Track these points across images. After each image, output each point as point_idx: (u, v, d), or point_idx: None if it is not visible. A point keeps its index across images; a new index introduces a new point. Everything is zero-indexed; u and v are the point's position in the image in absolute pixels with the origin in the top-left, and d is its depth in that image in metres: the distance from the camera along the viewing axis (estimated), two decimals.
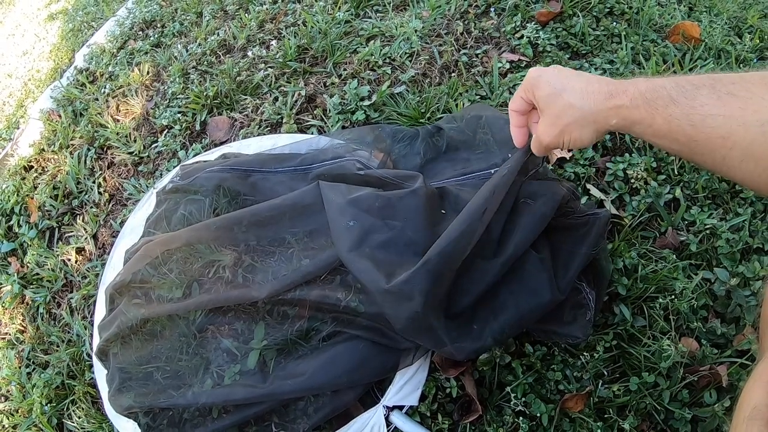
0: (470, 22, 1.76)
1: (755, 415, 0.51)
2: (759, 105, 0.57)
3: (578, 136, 0.77)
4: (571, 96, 0.76)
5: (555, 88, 0.77)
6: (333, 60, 1.76)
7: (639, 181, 1.34)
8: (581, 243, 1.01)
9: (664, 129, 0.66)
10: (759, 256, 1.22)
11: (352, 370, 0.99)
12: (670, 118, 0.64)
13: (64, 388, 1.38)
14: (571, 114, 0.76)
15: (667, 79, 0.67)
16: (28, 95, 2.60)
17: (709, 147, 0.62)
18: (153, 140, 1.80)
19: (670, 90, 0.65)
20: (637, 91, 0.69)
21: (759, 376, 0.54)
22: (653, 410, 1.05)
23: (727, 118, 0.59)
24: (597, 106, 0.73)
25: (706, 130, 0.61)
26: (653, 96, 0.67)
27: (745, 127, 0.58)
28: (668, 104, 0.65)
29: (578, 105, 0.75)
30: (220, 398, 1.01)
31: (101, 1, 2.97)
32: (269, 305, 1.07)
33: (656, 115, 0.66)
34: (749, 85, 0.59)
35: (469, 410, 1.07)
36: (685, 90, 0.64)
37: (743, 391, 0.54)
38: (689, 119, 0.63)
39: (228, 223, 1.15)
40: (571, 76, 0.78)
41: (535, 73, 0.82)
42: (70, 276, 1.60)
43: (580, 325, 1.04)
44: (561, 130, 0.78)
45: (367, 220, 1.04)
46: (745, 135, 0.58)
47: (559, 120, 0.77)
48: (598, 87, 0.74)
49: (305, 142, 1.38)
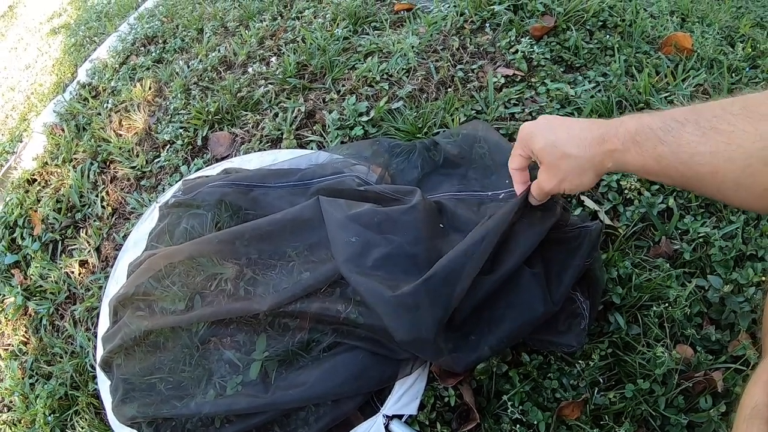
0: (466, 37, 1.78)
1: (755, 414, 0.51)
2: (742, 139, 0.58)
3: (578, 182, 0.80)
4: (566, 146, 0.78)
5: (549, 140, 0.80)
6: (332, 76, 1.78)
7: (633, 191, 1.35)
8: (574, 255, 1.03)
9: (656, 168, 0.68)
10: (752, 263, 1.22)
11: (352, 380, 1.01)
12: (660, 158, 0.66)
13: (67, 398, 1.39)
14: (568, 163, 0.78)
15: (653, 117, 0.68)
16: (31, 109, 2.63)
17: (701, 182, 0.63)
18: (155, 155, 1.82)
19: (657, 130, 0.66)
20: (627, 133, 0.71)
21: (759, 376, 0.54)
22: (649, 417, 1.06)
23: (713, 155, 0.60)
24: (592, 151, 0.76)
25: (695, 167, 0.62)
26: (642, 138, 0.68)
27: (731, 162, 0.59)
28: (657, 145, 0.66)
29: (574, 154, 0.77)
30: (222, 408, 1.03)
31: (104, 16, 3.01)
32: (270, 317, 1.09)
33: (646, 156, 0.68)
34: (731, 117, 0.60)
35: (467, 419, 1.09)
36: (671, 128, 0.65)
37: (744, 391, 0.55)
38: (678, 158, 0.64)
39: (230, 237, 1.18)
40: (562, 125, 0.81)
41: (528, 129, 0.85)
42: (73, 288, 1.62)
43: (574, 334, 1.06)
44: (561, 178, 0.81)
45: (367, 235, 1.06)
46: (732, 169, 0.59)
47: (559, 170, 0.80)
48: (590, 134, 0.76)
49: (305, 157, 1.41)
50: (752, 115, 0.58)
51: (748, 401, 0.53)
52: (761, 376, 0.54)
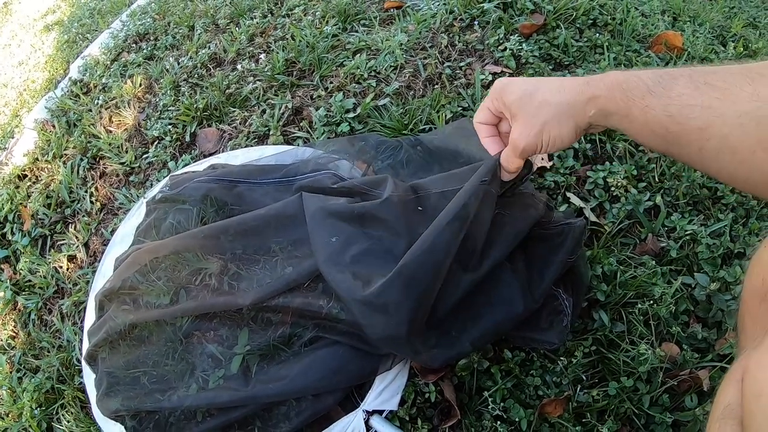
0: (455, 35, 1.78)
1: (727, 414, 0.50)
2: (737, 96, 0.56)
3: (557, 133, 0.74)
4: (545, 93, 0.73)
5: (526, 90, 0.75)
6: (320, 73, 1.78)
7: (619, 188, 1.35)
8: (556, 252, 1.03)
9: (641, 120, 0.64)
10: (740, 261, 1.22)
11: (332, 375, 1.01)
12: (647, 109, 0.63)
13: (53, 392, 1.40)
14: (547, 111, 0.73)
15: (644, 71, 0.66)
16: (23, 105, 2.62)
17: (685, 138, 0.61)
18: (144, 151, 1.82)
19: (647, 80, 0.64)
20: (614, 81, 0.67)
21: (733, 374, 0.52)
22: (633, 415, 1.06)
23: (704, 109, 0.58)
24: (574, 98, 0.71)
25: (682, 120, 0.60)
26: (629, 86, 0.65)
27: (723, 118, 0.56)
28: (645, 94, 0.63)
29: (554, 100, 0.72)
30: (204, 401, 1.03)
31: (96, 13, 3.00)
32: (253, 312, 1.08)
33: (632, 105, 0.65)
34: (727, 76, 0.57)
35: (449, 415, 1.09)
36: (663, 80, 0.62)
37: (718, 391, 0.54)
38: (666, 110, 0.61)
39: (215, 232, 1.18)
40: (540, 79, 0.76)
41: (502, 82, 0.79)
42: (61, 283, 1.62)
43: (556, 331, 1.06)
44: (539, 129, 0.74)
45: (345, 231, 1.06)
46: (722, 126, 0.56)
47: (535, 119, 0.74)
48: (572, 81, 0.72)
49: (291, 153, 1.41)
50: (751, 75, 0.56)
51: (722, 400, 0.52)
52: (735, 375, 0.52)
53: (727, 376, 0.53)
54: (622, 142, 1.45)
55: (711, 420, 0.53)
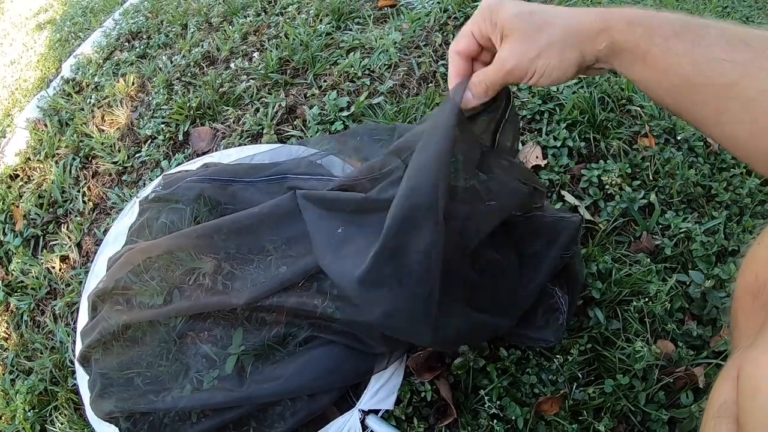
0: (449, 33, 1.78)
1: (723, 412, 0.49)
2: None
3: (557, 62, 0.61)
4: (549, 15, 0.61)
5: (526, 8, 0.62)
6: (313, 72, 1.78)
7: (614, 187, 1.35)
8: (550, 247, 1.02)
9: (660, 65, 0.56)
10: (734, 258, 1.23)
11: (327, 374, 1.01)
12: (670, 52, 0.54)
13: (47, 394, 1.38)
14: (550, 33, 0.60)
15: (672, 14, 0.56)
16: (15, 104, 2.60)
17: (706, 94, 0.54)
18: (137, 150, 1.81)
19: (674, 22, 0.55)
20: (635, 15, 0.57)
21: (728, 372, 0.51)
22: (629, 412, 1.06)
23: (735, 65, 0.51)
24: (585, 25, 0.59)
25: (708, 73, 0.53)
26: (653, 24, 0.56)
27: (753, 79, 0.50)
28: (670, 37, 0.54)
29: (561, 22, 0.60)
30: (198, 402, 1.03)
31: (89, 11, 2.98)
32: (248, 312, 1.08)
33: (653, 45, 0.55)
34: (763, 40, 0.51)
35: (445, 414, 1.09)
36: (692, 26, 0.54)
37: (713, 389, 0.52)
38: (691, 57, 0.53)
39: (208, 231, 1.17)
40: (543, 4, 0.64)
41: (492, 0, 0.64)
42: (54, 283, 1.61)
43: (552, 329, 1.05)
44: (536, 54, 0.61)
45: (345, 223, 1.04)
46: (750, 89, 0.50)
47: (533, 41, 0.61)
48: (583, 9, 0.61)
49: (284, 150, 1.40)
50: None
51: (717, 398, 0.50)
52: (730, 372, 0.50)
53: (722, 373, 0.52)
54: (616, 140, 1.45)
55: (706, 418, 0.52)
